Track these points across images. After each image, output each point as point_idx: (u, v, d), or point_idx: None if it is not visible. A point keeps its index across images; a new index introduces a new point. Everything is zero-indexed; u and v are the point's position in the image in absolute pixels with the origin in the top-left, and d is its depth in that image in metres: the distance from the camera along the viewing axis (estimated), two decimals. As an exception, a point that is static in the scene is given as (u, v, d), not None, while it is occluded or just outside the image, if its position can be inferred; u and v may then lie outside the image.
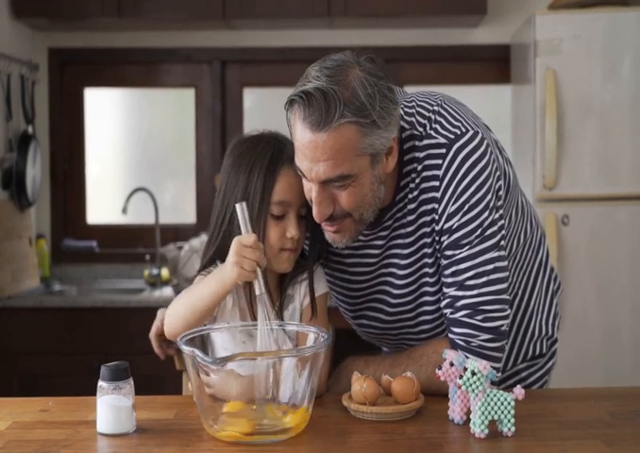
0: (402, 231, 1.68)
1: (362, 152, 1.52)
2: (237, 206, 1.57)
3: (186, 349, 1.42)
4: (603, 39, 3.38)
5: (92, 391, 1.50)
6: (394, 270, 1.71)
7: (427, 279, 1.69)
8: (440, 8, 3.77)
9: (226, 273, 1.55)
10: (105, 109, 4.32)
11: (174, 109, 4.38)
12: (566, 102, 3.39)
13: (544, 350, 1.87)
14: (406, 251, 1.69)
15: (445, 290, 1.64)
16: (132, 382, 1.48)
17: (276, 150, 1.66)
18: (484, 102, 4.07)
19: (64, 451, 1.38)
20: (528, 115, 3.57)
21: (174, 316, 1.64)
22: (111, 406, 1.45)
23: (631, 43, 3.39)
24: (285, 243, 1.65)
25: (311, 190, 1.57)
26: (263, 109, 4.28)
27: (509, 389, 1.49)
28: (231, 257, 1.54)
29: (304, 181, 1.60)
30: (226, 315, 1.69)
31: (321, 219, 1.59)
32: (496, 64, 4.10)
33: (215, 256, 1.70)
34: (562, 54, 3.38)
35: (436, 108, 1.66)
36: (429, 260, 1.67)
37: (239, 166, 1.67)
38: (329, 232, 1.63)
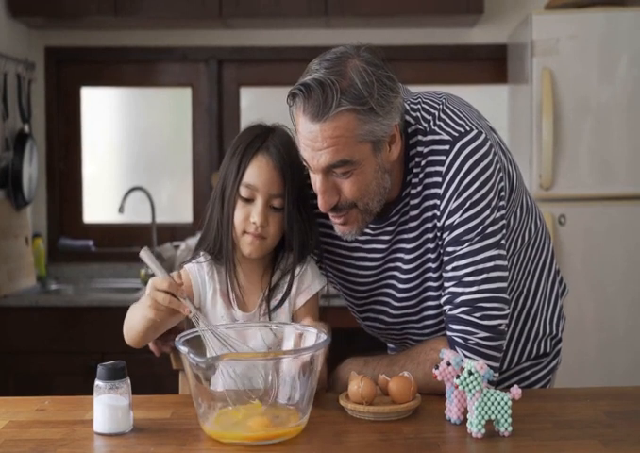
0: (407, 226, 1.69)
1: (363, 139, 1.54)
2: (142, 252, 1.60)
3: (182, 349, 1.41)
4: (600, 38, 3.39)
5: (88, 390, 1.50)
6: (399, 264, 1.72)
7: (430, 274, 1.69)
8: (437, 7, 3.77)
9: (144, 309, 1.59)
10: (101, 108, 4.31)
11: (170, 108, 4.37)
12: (563, 102, 3.39)
13: (548, 349, 1.87)
14: (410, 246, 1.70)
15: (445, 285, 1.65)
16: (129, 382, 1.48)
17: (257, 137, 1.69)
18: (481, 102, 4.01)
19: (61, 451, 1.37)
20: (524, 115, 3.58)
21: (127, 327, 1.70)
22: (108, 405, 1.44)
23: (627, 43, 3.39)
24: (248, 227, 1.67)
25: (316, 181, 1.59)
26: (260, 109, 4.27)
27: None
28: (145, 297, 1.59)
29: (310, 174, 1.62)
30: (207, 305, 1.71)
31: (326, 208, 1.61)
32: (493, 64, 4.11)
33: (200, 243, 1.76)
34: (558, 54, 3.39)
35: (441, 106, 1.68)
36: (432, 256, 1.68)
37: (229, 149, 1.72)
38: (337, 224, 1.66)
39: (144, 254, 1.60)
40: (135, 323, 1.65)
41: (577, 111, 3.40)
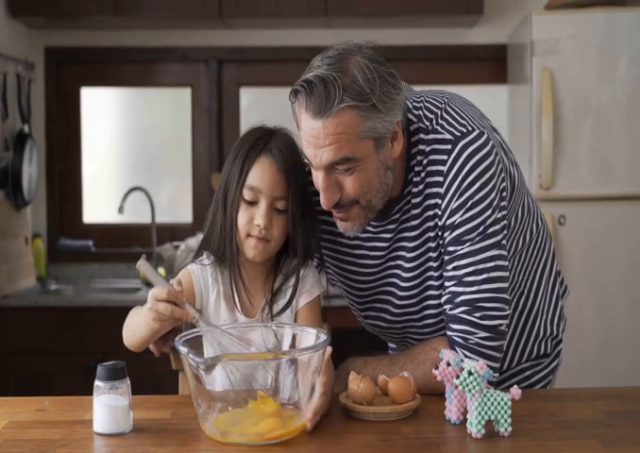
0: (408, 225, 1.69)
1: (365, 135, 1.54)
2: (139, 263, 1.57)
3: (182, 350, 1.41)
4: (600, 39, 3.39)
5: (88, 390, 1.50)
6: (401, 263, 1.72)
7: (431, 273, 1.69)
8: (437, 7, 3.77)
9: (148, 319, 1.56)
10: (101, 109, 4.31)
11: (170, 108, 4.37)
12: (563, 102, 3.39)
13: (548, 350, 1.87)
14: (411, 245, 1.70)
15: (445, 284, 1.65)
16: (129, 382, 1.47)
17: (260, 139, 1.68)
18: (481, 102, 3.99)
19: (60, 451, 1.37)
20: (524, 115, 3.58)
21: (128, 333, 1.67)
22: (108, 405, 1.44)
23: (627, 43, 3.39)
24: (252, 230, 1.66)
25: (318, 178, 1.59)
26: (260, 109, 4.28)
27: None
28: (146, 307, 1.55)
29: (313, 171, 1.62)
30: (210, 308, 1.71)
31: (328, 205, 1.61)
32: (493, 64, 4.11)
33: (202, 246, 1.75)
34: (558, 54, 3.39)
35: (444, 105, 1.68)
36: (434, 255, 1.68)
37: (231, 152, 1.71)
38: (339, 220, 1.66)
39: (142, 265, 1.57)
40: (137, 331, 1.63)
41: (577, 111, 3.40)
